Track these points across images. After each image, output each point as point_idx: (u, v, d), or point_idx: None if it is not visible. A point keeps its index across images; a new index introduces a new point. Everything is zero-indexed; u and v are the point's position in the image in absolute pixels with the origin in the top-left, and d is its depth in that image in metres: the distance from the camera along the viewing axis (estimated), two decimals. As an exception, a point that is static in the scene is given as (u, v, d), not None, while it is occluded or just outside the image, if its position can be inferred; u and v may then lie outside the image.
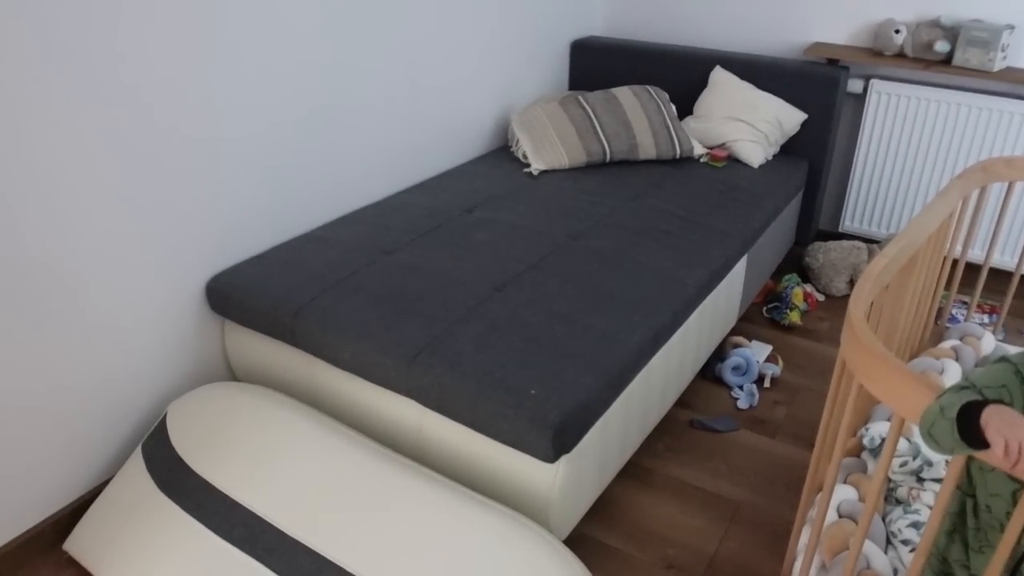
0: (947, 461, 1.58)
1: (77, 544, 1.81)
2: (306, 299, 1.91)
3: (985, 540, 1.16)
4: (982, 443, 0.97)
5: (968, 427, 0.98)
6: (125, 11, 1.68)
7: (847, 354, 1.24)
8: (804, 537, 1.56)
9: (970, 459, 1.13)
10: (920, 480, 1.64)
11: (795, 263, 3.10)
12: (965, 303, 2.84)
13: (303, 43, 2.14)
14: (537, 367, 1.67)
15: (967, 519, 1.18)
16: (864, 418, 1.85)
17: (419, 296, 1.92)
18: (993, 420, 0.95)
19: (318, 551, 1.55)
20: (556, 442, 1.52)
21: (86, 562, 1.77)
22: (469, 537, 1.49)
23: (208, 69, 1.90)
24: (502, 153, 2.92)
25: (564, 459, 1.59)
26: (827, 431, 1.40)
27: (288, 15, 2.07)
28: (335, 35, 2.23)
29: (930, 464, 1.61)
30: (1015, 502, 1.08)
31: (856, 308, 1.27)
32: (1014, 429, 0.93)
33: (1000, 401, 0.99)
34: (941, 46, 2.69)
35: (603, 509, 1.98)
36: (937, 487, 1.60)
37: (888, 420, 1.75)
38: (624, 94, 2.81)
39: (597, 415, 1.67)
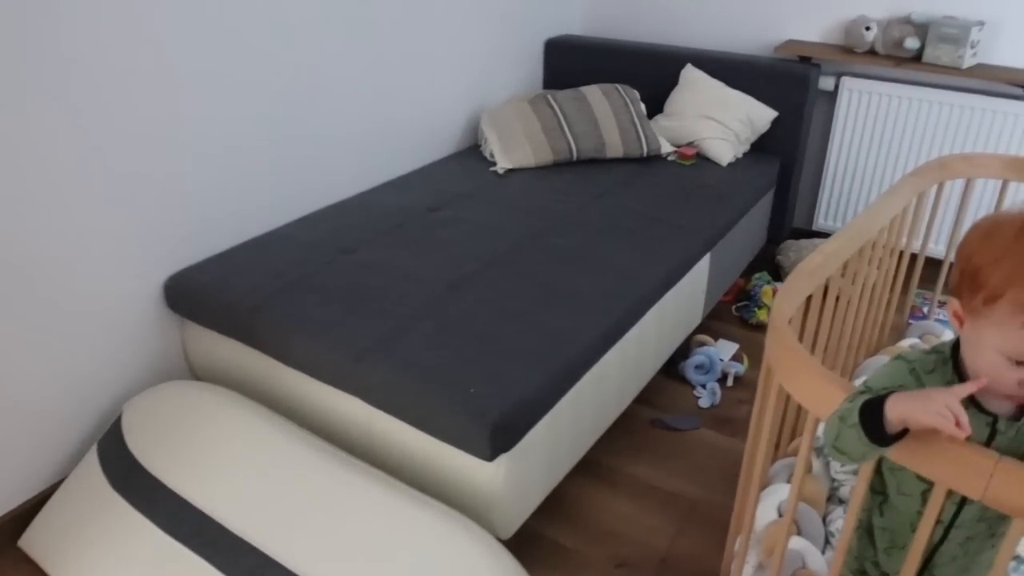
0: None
1: (32, 541, 1.83)
2: (261, 298, 1.92)
3: (891, 541, 1.16)
4: (891, 439, 0.97)
5: (874, 427, 0.97)
6: (90, 7, 1.69)
7: (769, 354, 1.25)
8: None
9: (881, 459, 1.13)
10: (862, 478, 1.64)
11: (769, 261, 3.10)
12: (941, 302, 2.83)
13: (268, 39, 2.14)
14: (483, 365, 1.67)
15: (874, 518, 1.18)
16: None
17: (374, 294, 1.92)
18: (899, 408, 0.94)
19: (261, 548, 1.56)
20: (495, 439, 1.53)
21: (39, 559, 1.78)
22: (408, 536, 1.50)
23: (171, 65, 1.91)
24: (472, 152, 2.92)
25: (505, 456, 1.60)
26: (756, 433, 1.40)
27: (255, 11, 2.08)
28: (301, 31, 2.24)
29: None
30: (924, 501, 1.08)
31: (781, 306, 1.28)
32: (927, 402, 0.92)
33: None
34: (911, 43, 2.68)
35: (558, 506, 1.98)
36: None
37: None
38: (593, 93, 2.82)
39: (542, 412, 1.67)
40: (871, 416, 0.98)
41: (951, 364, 1.05)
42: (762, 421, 1.33)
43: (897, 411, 0.95)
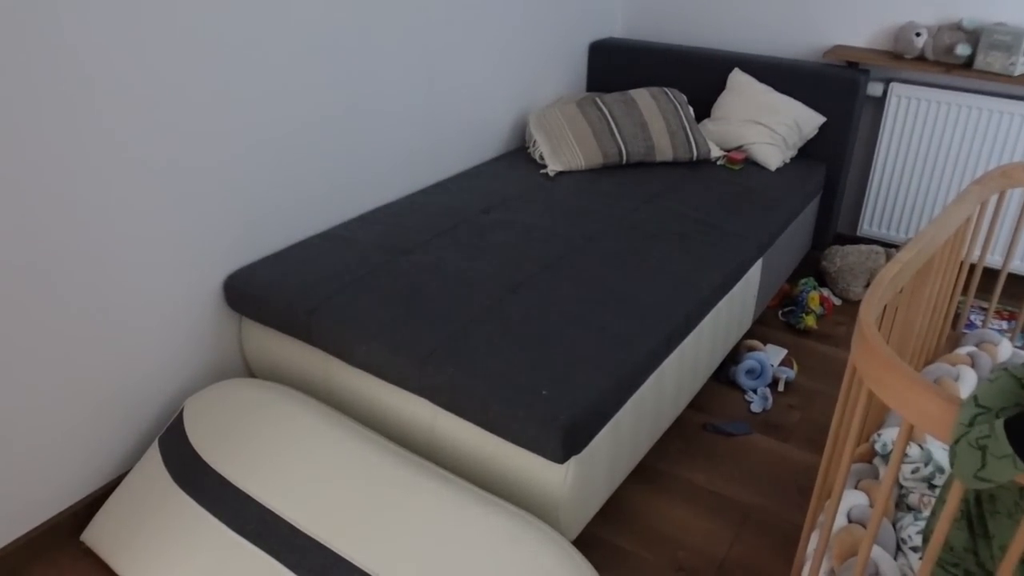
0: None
1: (94, 535, 1.84)
2: (322, 297, 1.94)
3: (995, 509, 1.15)
4: None
5: None
6: (146, 8, 1.71)
7: (857, 360, 1.24)
8: (813, 543, 1.55)
9: None
10: (932, 487, 1.63)
11: (812, 267, 3.09)
12: (984, 309, 2.82)
13: (324, 44, 2.16)
14: (549, 368, 1.68)
15: (970, 507, 1.18)
16: (877, 423, 1.84)
17: (433, 296, 1.93)
18: None
19: (329, 547, 1.56)
20: (566, 443, 1.53)
21: (103, 553, 1.80)
22: (478, 536, 1.50)
23: (230, 69, 1.93)
24: (519, 154, 2.93)
25: (574, 460, 1.60)
26: (837, 437, 1.39)
27: (309, 15, 2.09)
28: (355, 35, 2.25)
29: (942, 471, 1.61)
30: (1021, 493, 1.08)
31: (867, 313, 1.27)
32: None
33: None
34: (962, 49, 2.66)
35: (614, 510, 1.98)
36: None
37: (901, 426, 1.74)
38: (641, 96, 2.81)
39: (608, 417, 1.68)
40: (1020, 436, 0.93)
41: None
42: (842, 426, 1.32)
43: None
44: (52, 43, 1.56)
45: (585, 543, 1.87)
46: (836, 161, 2.94)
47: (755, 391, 2.39)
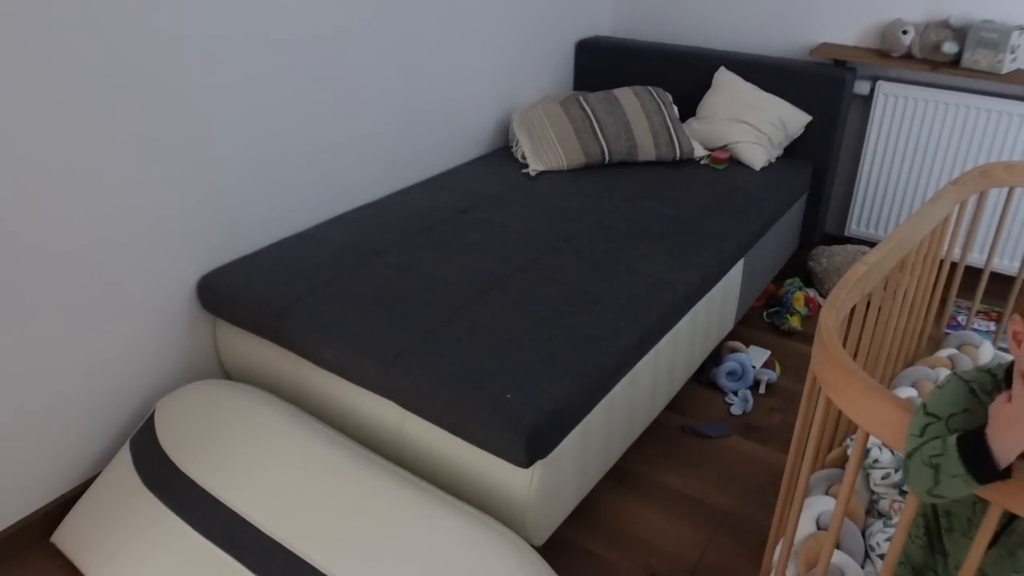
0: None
1: (64, 537, 1.84)
2: (292, 299, 1.92)
3: (950, 525, 1.14)
4: (1000, 474, 0.90)
5: (980, 467, 0.90)
6: (121, 7, 1.69)
7: (816, 366, 1.22)
8: (779, 550, 1.53)
9: None
10: (903, 493, 1.61)
11: (800, 267, 3.06)
12: (980, 311, 2.79)
13: (300, 42, 2.14)
14: (516, 371, 1.66)
15: (929, 523, 1.16)
16: (852, 428, 1.82)
17: (404, 297, 1.92)
18: (1009, 444, 0.88)
19: (292, 549, 1.56)
20: (530, 447, 1.52)
21: (71, 555, 1.79)
22: (438, 539, 1.49)
23: (203, 66, 1.91)
24: (503, 153, 2.91)
25: (540, 464, 1.58)
26: (799, 444, 1.37)
27: (285, 12, 2.08)
28: (332, 32, 2.23)
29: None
30: (974, 510, 1.06)
31: (828, 318, 1.25)
32: None
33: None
34: (949, 47, 2.63)
35: (588, 513, 1.96)
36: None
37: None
38: (625, 95, 2.79)
39: (576, 420, 1.66)
40: (971, 454, 0.91)
41: (1006, 387, 1.01)
42: (805, 432, 1.31)
43: (1008, 449, 0.88)
44: (24, 40, 1.55)
45: (556, 547, 1.85)
46: (823, 160, 2.91)
47: (736, 393, 2.37)
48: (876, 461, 1.61)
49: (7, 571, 1.80)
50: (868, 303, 1.63)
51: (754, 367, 2.43)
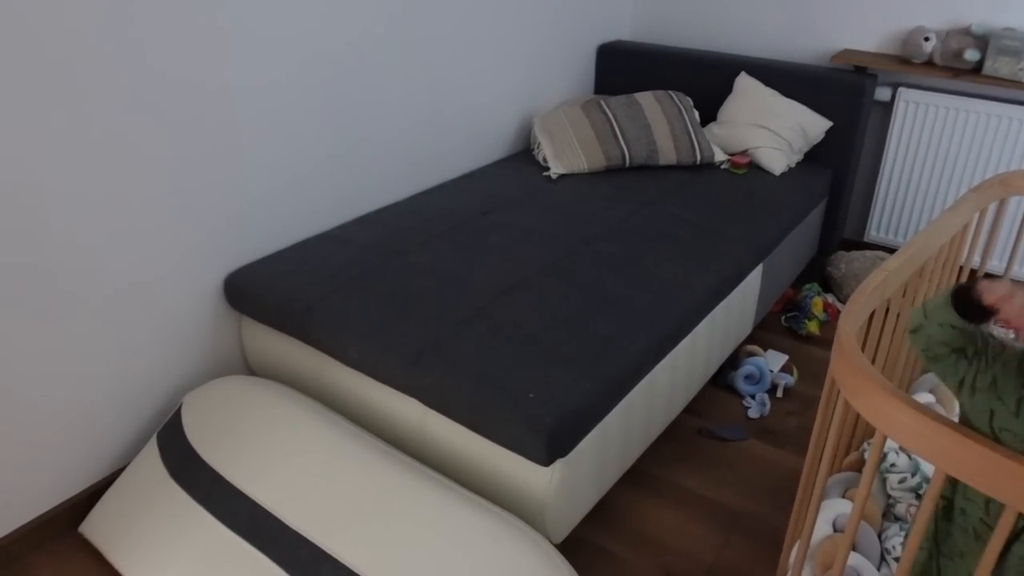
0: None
1: (92, 527, 1.88)
2: (317, 297, 1.96)
3: (955, 548, 1.16)
4: (983, 313, 1.07)
5: (963, 306, 1.08)
6: (145, 6, 1.74)
7: (834, 370, 1.24)
8: (796, 552, 1.55)
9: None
10: (919, 497, 1.62)
11: (818, 272, 3.07)
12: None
13: (325, 46, 2.18)
14: (537, 370, 1.69)
15: (939, 524, 1.18)
16: (869, 432, 1.83)
17: (427, 297, 1.95)
18: (989, 288, 1.05)
19: (316, 543, 1.59)
20: (551, 445, 1.54)
21: (99, 544, 1.83)
22: (460, 536, 1.51)
23: (230, 69, 1.95)
24: (524, 156, 2.94)
25: (560, 463, 1.61)
26: (817, 447, 1.39)
27: (312, 15, 2.11)
28: (356, 37, 2.27)
29: (928, 481, 1.60)
30: (987, 510, 1.08)
31: (846, 322, 1.27)
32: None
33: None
34: (971, 55, 2.64)
35: (605, 513, 1.99)
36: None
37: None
38: (646, 99, 2.81)
39: (595, 420, 1.68)
40: (960, 299, 1.09)
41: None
42: (823, 435, 1.32)
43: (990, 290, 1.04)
44: (46, 40, 1.59)
45: (573, 545, 1.88)
46: (843, 166, 2.92)
47: (753, 397, 2.38)
48: (893, 465, 1.63)
49: (36, 559, 1.85)
50: (887, 309, 1.65)
51: (772, 371, 2.44)
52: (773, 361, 2.52)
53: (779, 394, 2.43)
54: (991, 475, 0.99)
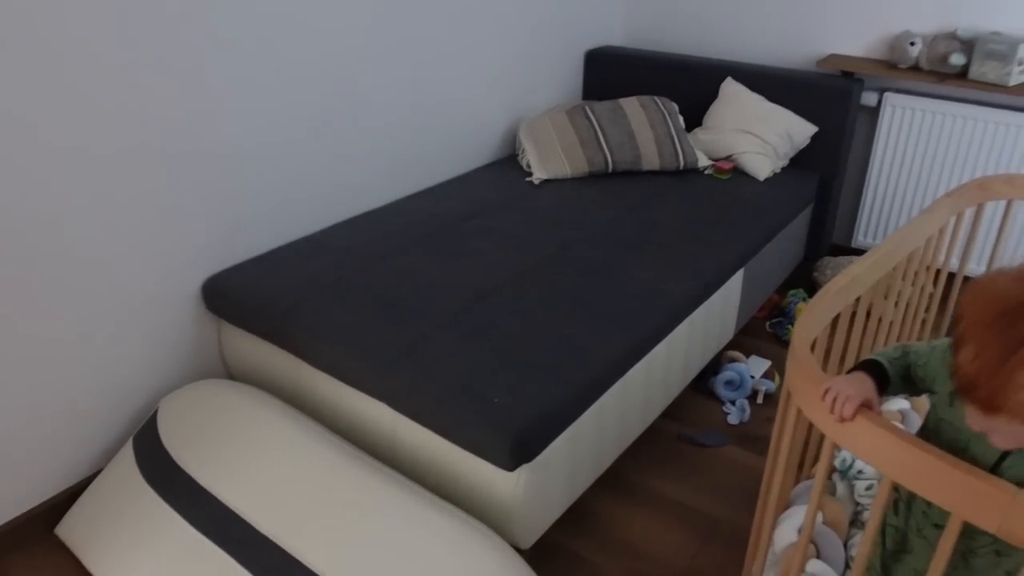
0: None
1: (67, 529, 1.89)
2: (293, 302, 1.97)
3: (899, 544, 1.16)
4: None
5: None
6: (127, 10, 1.75)
7: (788, 378, 1.24)
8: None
9: None
10: (887, 504, 1.61)
11: (805, 278, 3.06)
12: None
13: (309, 47, 2.19)
14: (506, 376, 1.69)
15: (888, 517, 1.18)
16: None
17: (404, 301, 1.95)
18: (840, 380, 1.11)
19: (284, 547, 1.60)
20: (515, 451, 1.54)
21: (74, 546, 1.85)
22: (422, 540, 1.52)
23: (211, 71, 1.97)
24: (510, 162, 2.94)
25: (526, 468, 1.61)
26: (774, 456, 1.39)
27: (295, 19, 2.13)
28: (341, 40, 2.28)
29: (896, 489, 1.59)
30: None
31: (802, 328, 1.27)
32: (843, 383, 1.09)
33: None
34: (956, 59, 2.63)
35: (580, 518, 1.99)
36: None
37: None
38: (631, 105, 2.82)
39: (564, 425, 1.68)
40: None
41: None
42: (781, 443, 1.32)
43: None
44: (24, 41, 1.61)
45: (547, 550, 1.87)
46: (829, 172, 2.92)
47: (733, 402, 2.38)
48: (860, 472, 1.62)
49: (15, 560, 1.86)
50: (868, 313, 1.64)
51: (753, 377, 2.44)
52: (755, 367, 2.51)
53: (760, 400, 2.42)
54: (939, 483, 0.99)
